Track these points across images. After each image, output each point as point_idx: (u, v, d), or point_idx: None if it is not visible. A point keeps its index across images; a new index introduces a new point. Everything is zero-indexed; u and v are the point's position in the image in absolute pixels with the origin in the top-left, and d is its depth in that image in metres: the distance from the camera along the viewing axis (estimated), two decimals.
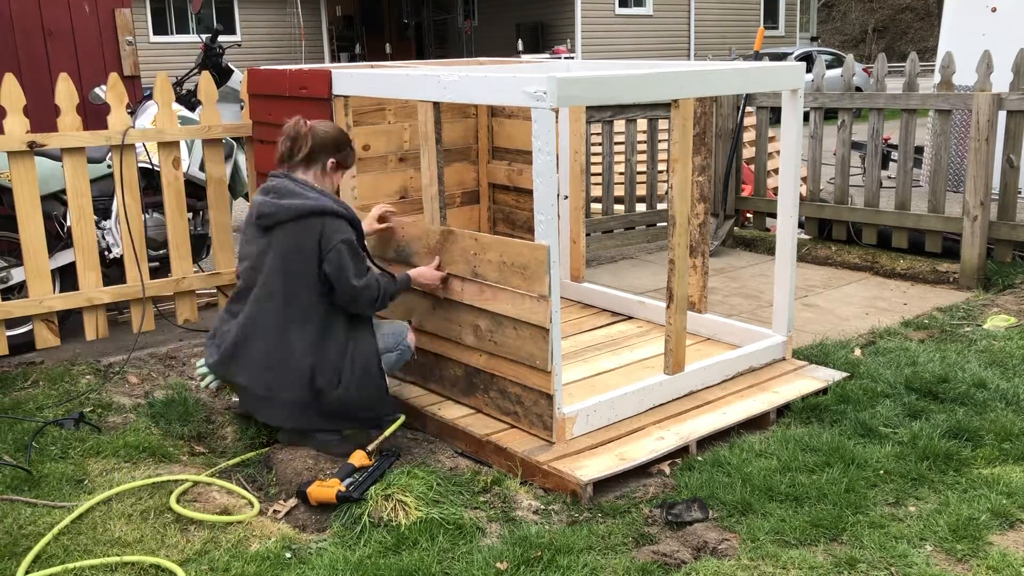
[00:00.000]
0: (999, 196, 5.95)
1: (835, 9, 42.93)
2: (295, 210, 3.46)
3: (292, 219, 3.46)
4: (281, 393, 3.53)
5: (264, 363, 3.53)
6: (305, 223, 3.46)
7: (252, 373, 3.55)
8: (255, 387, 3.56)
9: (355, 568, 2.84)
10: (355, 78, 4.10)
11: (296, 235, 3.46)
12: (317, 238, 3.45)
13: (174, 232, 4.99)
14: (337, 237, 3.46)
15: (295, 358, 3.51)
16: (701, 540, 3.00)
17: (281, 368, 3.51)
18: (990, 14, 8.44)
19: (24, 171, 4.54)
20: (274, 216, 3.48)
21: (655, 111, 7.12)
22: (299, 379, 3.51)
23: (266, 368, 3.52)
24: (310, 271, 3.47)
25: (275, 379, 3.52)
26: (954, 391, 4.03)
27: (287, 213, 3.46)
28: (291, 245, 3.47)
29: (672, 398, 3.99)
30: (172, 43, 21.38)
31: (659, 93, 3.68)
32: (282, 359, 3.51)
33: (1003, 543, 2.96)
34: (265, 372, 3.53)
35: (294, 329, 3.51)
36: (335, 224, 3.48)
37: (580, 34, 23.52)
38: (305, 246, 3.46)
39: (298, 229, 3.46)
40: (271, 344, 3.52)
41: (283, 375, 3.51)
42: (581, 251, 5.33)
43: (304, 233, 3.46)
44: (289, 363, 3.51)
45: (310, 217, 3.46)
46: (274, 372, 3.52)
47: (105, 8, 5.84)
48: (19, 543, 3.00)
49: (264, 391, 3.55)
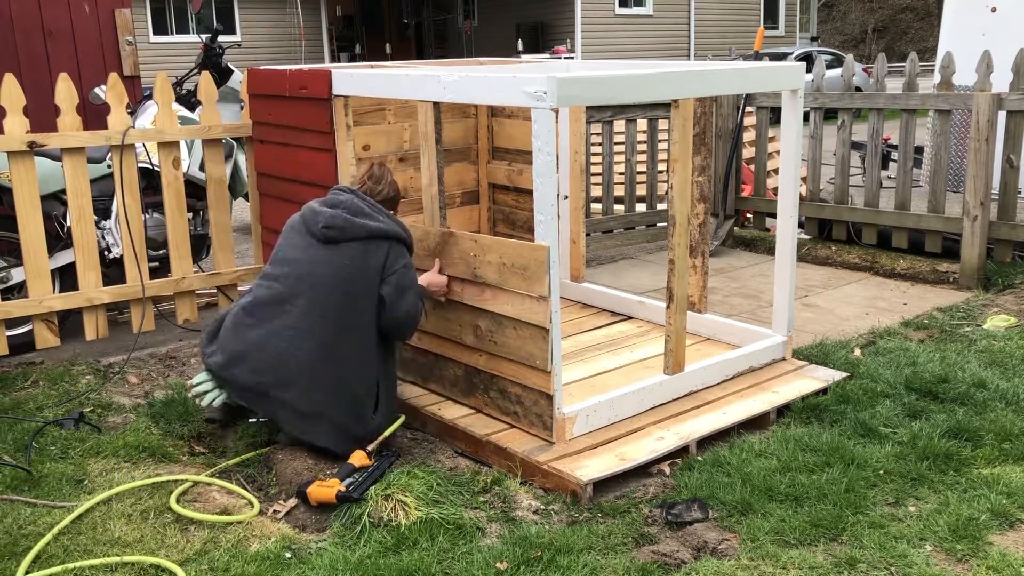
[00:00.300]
0: (999, 196, 5.95)
1: (835, 9, 42.93)
2: (369, 230, 3.45)
3: (364, 238, 3.45)
4: (328, 412, 3.44)
5: (313, 381, 3.41)
6: (376, 244, 3.46)
7: (297, 391, 3.42)
8: (300, 404, 3.43)
9: (355, 568, 2.84)
10: (355, 78, 4.10)
11: (364, 254, 3.45)
12: (383, 260, 3.46)
13: (174, 232, 4.99)
14: (400, 262, 3.51)
15: (348, 381, 3.44)
16: (701, 540, 3.00)
17: (334, 389, 3.42)
18: (990, 14, 8.44)
19: (24, 171, 4.54)
20: (344, 231, 3.44)
21: (655, 111, 7.12)
22: (340, 402, 3.44)
23: (315, 386, 3.41)
24: (370, 292, 3.44)
25: (325, 398, 3.42)
26: (954, 391, 4.03)
27: (360, 231, 3.45)
28: (357, 263, 3.43)
29: (672, 398, 3.99)
30: (172, 43, 21.38)
31: (659, 93, 3.68)
32: (336, 381, 3.42)
33: (1003, 543, 2.96)
34: (313, 390, 3.41)
35: (347, 350, 3.43)
36: (399, 250, 3.53)
37: (580, 34, 23.52)
38: (370, 266, 3.44)
39: (367, 249, 3.45)
40: (323, 363, 3.41)
41: (334, 396, 3.43)
42: (581, 251, 5.33)
43: (372, 254, 3.45)
44: (340, 385, 3.43)
45: (382, 240, 3.47)
46: (325, 392, 3.42)
47: (105, 8, 5.84)
48: (19, 543, 3.00)
49: (312, 408, 3.43)
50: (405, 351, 4.17)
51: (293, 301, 3.44)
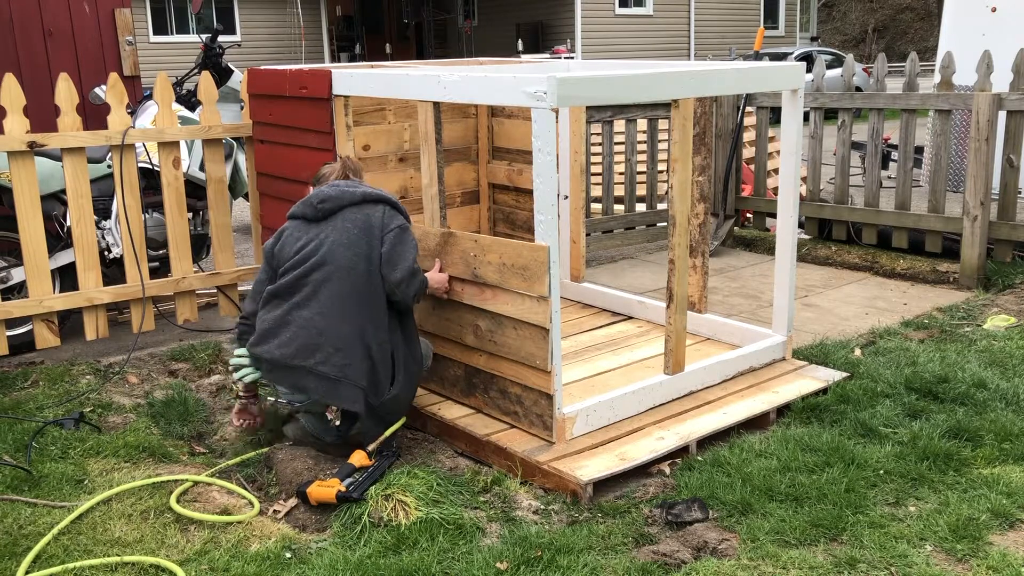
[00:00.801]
0: (999, 196, 5.95)
1: (835, 9, 42.93)
2: (361, 194, 3.58)
3: (359, 201, 3.57)
4: (352, 375, 3.42)
5: (335, 343, 3.41)
6: (371, 207, 3.57)
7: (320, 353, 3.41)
8: (326, 369, 3.41)
9: (355, 568, 2.84)
10: (355, 78, 4.10)
11: (364, 215, 3.54)
12: (380, 219, 3.56)
13: (174, 232, 4.99)
14: (396, 221, 3.58)
15: (362, 342, 3.43)
16: (701, 540, 3.00)
17: (352, 350, 3.42)
18: (990, 14, 8.44)
19: (24, 171, 4.54)
20: (339, 200, 3.55)
21: (655, 111, 7.12)
22: (361, 366, 3.43)
23: (336, 348, 3.41)
24: (376, 252, 3.51)
25: (348, 360, 3.41)
26: (954, 391, 4.03)
27: (353, 196, 3.57)
28: (360, 225, 3.53)
29: (672, 398, 3.99)
30: (172, 43, 21.38)
31: (659, 93, 3.68)
32: (353, 341, 3.42)
33: (1003, 543, 2.96)
34: (336, 352, 3.41)
35: (361, 311, 3.45)
36: (394, 212, 3.62)
37: (580, 34, 23.52)
38: (373, 225, 3.53)
39: (363, 211, 3.55)
40: (343, 325, 3.42)
41: (354, 356, 3.42)
42: (581, 251, 5.33)
43: (371, 213, 3.56)
44: (358, 346, 3.42)
45: (377, 203, 3.59)
46: (344, 353, 3.41)
47: (105, 8, 5.84)
48: (19, 543, 3.00)
49: (337, 372, 3.41)
50: None
51: (310, 275, 3.49)
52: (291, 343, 3.42)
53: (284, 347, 3.42)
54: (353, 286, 3.45)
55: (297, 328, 3.43)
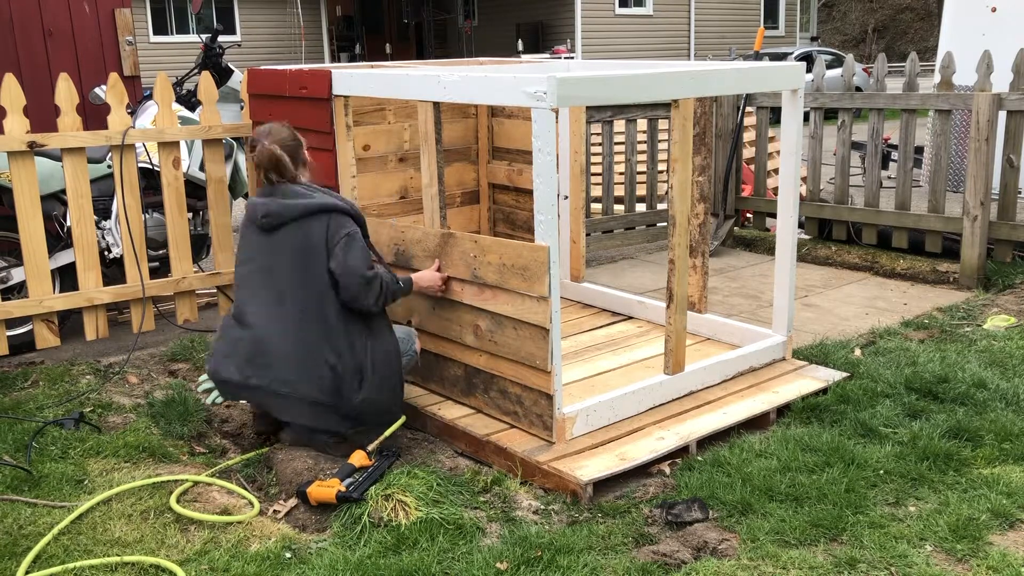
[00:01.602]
0: (999, 196, 5.95)
1: (835, 9, 42.92)
2: (301, 208, 3.49)
3: (299, 217, 3.49)
4: (301, 391, 3.47)
5: (284, 363, 3.47)
6: (312, 220, 3.49)
7: (273, 374, 3.48)
8: (276, 387, 3.48)
9: (355, 568, 2.84)
10: (355, 78, 4.10)
11: (304, 232, 3.48)
12: (324, 232, 3.48)
13: (174, 232, 4.99)
14: (342, 232, 3.49)
15: (316, 358, 3.46)
16: (701, 540, 3.00)
17: (302, 368, 3.46)
18: (990, 14, 8.44)
19: (24, 171, 4.54)
20: (280, 215, 3.50)
21: (655, 111, 7.12)
22: (320, 380, 3.46)
23: (286, 368, 3.46)
24: (321, 268, 3.47)
25: (297, 378, 3.46)
26: (954, 391, 4.03)
27: (293, 211, 3.49)
28: (300, 243, 3.48)
29: (672, 398, 3.99)
30: (172, 43, 21.38)
31: (659, 93, 3.68)
32: (303, 359, 3.46)
33: (1003, 543, 2.96)
34: (285, 371, 3.46)
35: (312, 329, 3.46)
36: (340, 220, 3.52)
37: (580, 34, 23.52)
38: (314, 243, 3.48)
39: (305, 227, 3.48)
40: (290, 344, 3.47)
41: (304, 374, 3.46)
42: (581, 251, 5.33)
43: (312, 230, 3.48)
44: (309, 363, 3.46)
45: (318, 214, 3.50)
46: (295, 371, 3.46)
47: (105, 8, 5.85)
48: (19, 543, 3.00)
49: (286, 389, 3.48)
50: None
51: (258, 294, 3.54)
52: (242, 364, 3.50)
53: (236, 369, 3.51)
54: (302, 304, 3.47)
55: (248, 350, 3.50)
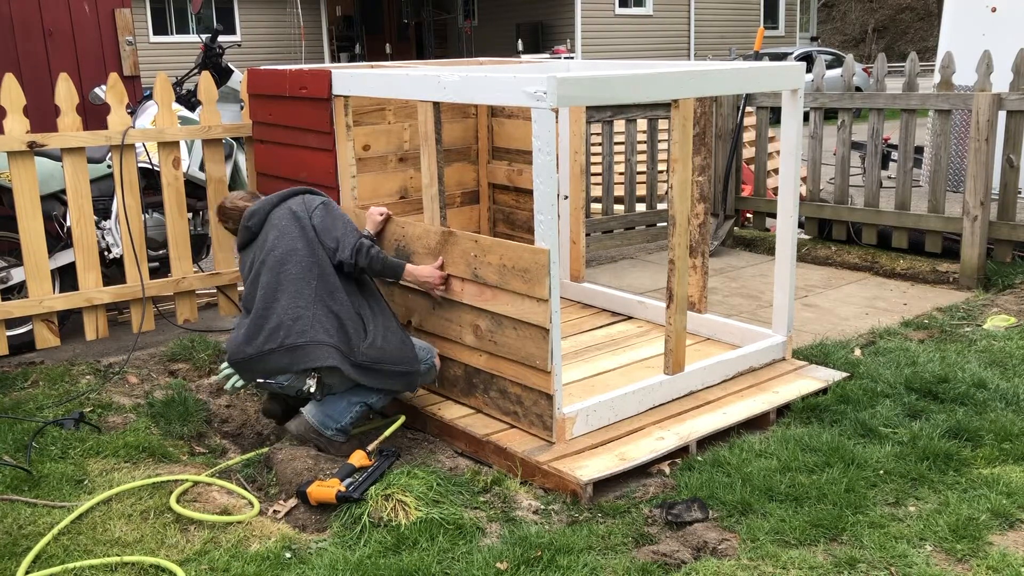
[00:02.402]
0: (999, 196, 5.95)
1: (835, 9, 42.92)
2: (277, 196, 3.83)
3: (277, 202, 3.80)
4: (315, 336, 3.53)
5: (292, 320, 3.55)
6: (288, 201, 3.80)
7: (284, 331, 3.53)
8: (293, 339, 3.52)
9: (355, 568, 2.84)
10: (355, 78, 4.10)
11: (285, 210, 3.76)
12: (303, 206, 3.77)
13: (174, 232, 4.99)
14: (316, 201, 3.81)
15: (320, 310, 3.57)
16: (701, 540, 3.00)
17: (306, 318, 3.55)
18: (990, 14, 8.44)
19: (24, 171, 4.54)
20: (263, 207, 3.80)
21: (655, 111, 7.12)
22: (327, 328, 3.55)
23: (294, 320, 3.55)
24: (309, 234, 3.70)
25: (306, 326, 3.54)
26: (954, 391, 4.03)
27: (271, 200, 3.82)
28: (285, 218, 3.73)
29: (672, 398, 3.99)
30: (172, 43, 21.37)
31: (659, 93, 3.68)
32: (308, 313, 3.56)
33: (1003, 543, 2.96)
34: (294, 324, 3.54)
35: (311, 287, 3.61)
36: (311, 196, 3.86)
37: (580, 34, 23.51)
38: (297, 214, 3.74)
39: (284, 206, 3.78)
40: (293, 305, 3.57)
41: (310, 322, 3.54)
42: (581, 251, 5.33)
43: (290, 206, 3.77)
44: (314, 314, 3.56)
45: (293, 196, 3.83)
46: (302, 321, 3.55)
47: (105, 8, 5.85)
48: (19, 543, 3.00)
49: (300, 339, 3.52)
50: None
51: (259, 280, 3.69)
52: (255, 337, 3.59)
53: (250, 344, 3.59)
54: (299, 266, 3.64)
55: (256, 324, 3.60)
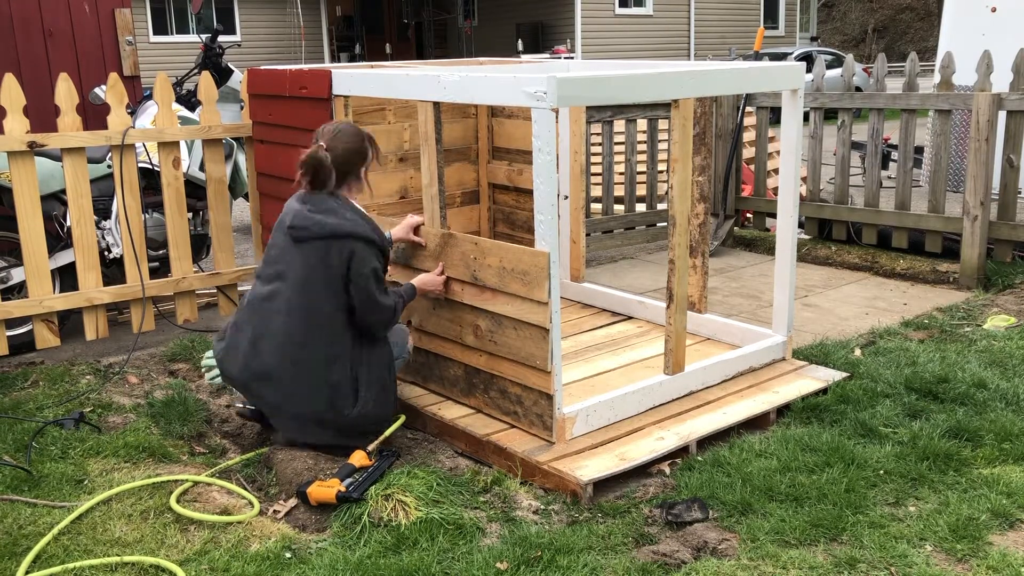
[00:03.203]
0: (999, 196, 5.95)
1: (835, 9, 42.92)
2: (330, 230, 3.44)
3: (325, 237, 3.44)
4: (298, 407, 3.50)
5: (281, 375, 3.48)
6: (338, 244, 3.44)
7: (270, 387, 3.51)
8: (271, 398, 3.53)
9: (355, 568, 2.84)
10: (355, 78, 4.10)
11: (327, 253, 3.44)
12: (347, 260, 3.44)
13: (174, 232, 4.99)
14: (368, 266, 3.47)
15: (314, 373, 3.47)
16: (701, 540, 3.00)
17: (298, 382, 3.47)
18: (990, 14, 8.44)
19: (24, 171, 4.54)
20: (308, 231, 3.45)
21: (655, 111, 7.12)
22: (317, 395, 3.48)
23: (282, 380, 3.48)
24: (333, 286, 3.46)
25: (293, 392, 3.48)
26: (954, 391, 4.03)
27: (321, 230, 3.44)
28: (319, 260, 3.45)
29: (672, 398, 3.99)
30: (172, 43, 21.37)
31: (659, 93, 3.68)
32: (299, 373, 3.47)
33: (1003, 543, 2.97)
34: (281, 384, 3.48)
35: (312, 343, 3.46)
36: (366, 251, 3.48)
37: (580, 34, 23.51)
38: (333, 264, 3.44)
39: (329, 248, 3.44)
40: (289, 356, 3.47)
41: (300, 389, 3.48)
42: (581, 251, 5.33)
43: (335, 252, 3.44)
44: (307, 377, 3.47)
45: (345, 239, 3.44)
46: (291, 385, 3.48)
47: (105, 8, 5.85)
48: (19, 543, 3.00)
49: (281, 401, 3.51)
50: None
51: (274, 299, 3.52)
52: (247, 367, 3.52)
53: (242, 370, 3.54)
54: (306, 321, 3.46)
55: (249, 352, 3.52)
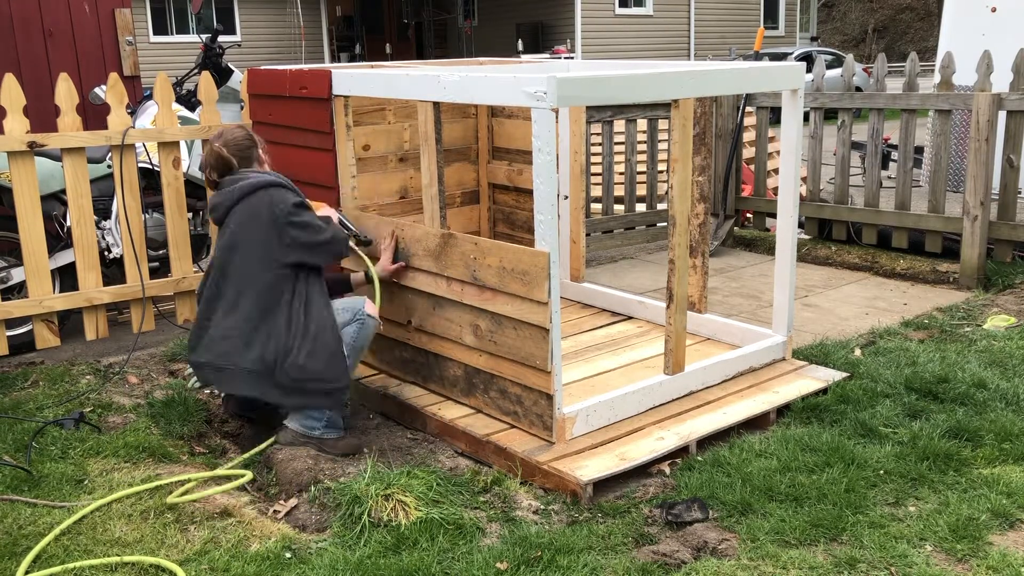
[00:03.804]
0: (999, 196, 5.95)
1: (835, 9, 42.92)
2: (239, 190, 3.63)
3: (239, 198, 3.62)
4: (237, 361, 3.55)
5: (220, 334, 3.58)
6: (253, 197, 3.61)
7: (211, 347, 3.60)
8: (215, 360, 3.59)
9: (355, 568, 2.84)
10: (355, 78, 4.10)
11: (247, 211, 3.60)
12: (269, 207, 3.59)
13: (174, 232, 4.99)
14: (288, 201, 3.61)
15: (247, 326, 3.55)
16: (701, 540, 3.00)
17: (234, 337, 3.55)
18: (990, 14, 8.44)
19: (24, 171, 4.54)
20: (222, 204, 3.66)
21: (655, 111, 7.12)
22: (251, 347, 3.53)
23: (222, 338, 3.57)
24: (261, 240, 3.58)
25: (231, 348, 3.55)
26: (954, 391, 4.03)
27: (232, 196, 3.63)
28: (244, 221, 3.60)
29: (672, 398, 3.99)
30: (172, 43, 21.38)
31: (659, 93, 3.68)
32: (233, 327, 3.56)
33: (1003, 543, 2.97)
34: (221, 342, 3.57)
35: (245, 299, 3.57)
36: (281, 193, 3.65)
37: (580, 34, 23.52)
38: (259, 216, 3.59)
39: (247, 206, 3.60)
40: (225, 315, 3.58)
41: (237, 344, 3.55)
42: (581, 251, 5.33)
43: (255, 206, 3.60)
44: (241, 331, 3.55)
45: (256, 191, 3.62)
46: (229, 341, 3.56)
47: (105, 8, 5.85)
48: (19, 543, 3.00)
49: (222, 361, 3.57)
50: (404, 351, 4.18)
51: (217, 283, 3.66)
52: (200, 348, 3.64)
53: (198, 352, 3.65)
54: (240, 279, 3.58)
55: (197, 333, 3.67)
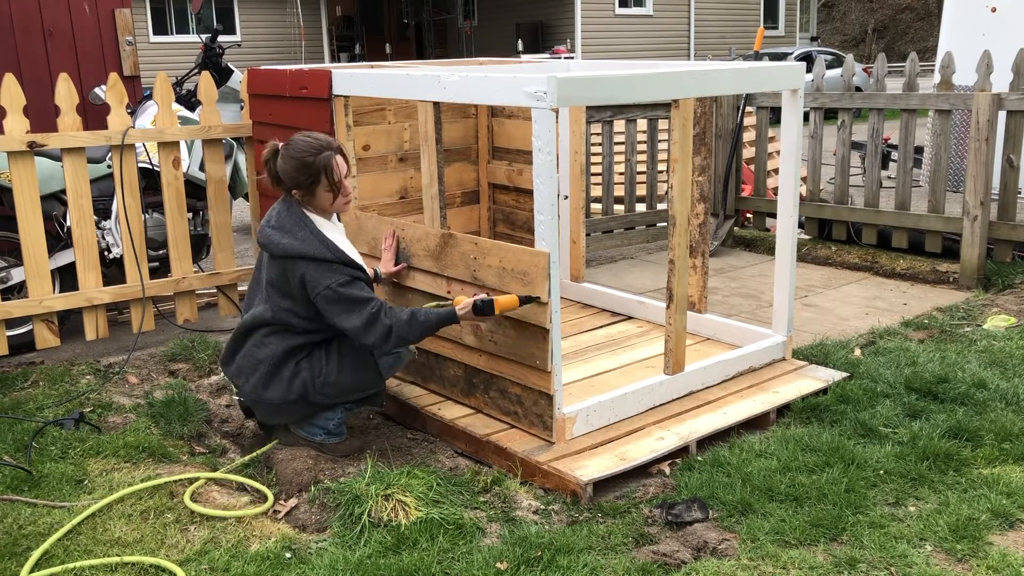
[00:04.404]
0: (999, 196, 5.95)
1: (835, 9, 42.92)
2: (282, 250, 3.45)
3: (278, 257, 3.48)
4: (270, 394, 3.56)
5: (251, 362, 3.59)
6: (291, 264, 3.44)
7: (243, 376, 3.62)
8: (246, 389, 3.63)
9: (355, 568, 2.84)
10: (355, 78, 4.10)
11: (282, 271, 3.48)
12: (300, 282, 3.44)
13: (174, 232, 4.99)
14: (321, 285, 3.40)
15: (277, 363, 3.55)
16: (701, 540, 3.00)
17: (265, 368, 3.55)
18: (990, 14, 8.44)
19: (24, 171, 4.54)
20: (267, 247, 3.51)
21: (655, 111, 7.12)
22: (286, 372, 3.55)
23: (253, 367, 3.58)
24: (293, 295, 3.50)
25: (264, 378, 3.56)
26: (954, 391, 4.03)
27: (276, 249, 3.47)
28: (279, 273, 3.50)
29: (672, 398, 3.99)
30: (172, 43, 21.39)
31: (659, 93, 3.68)
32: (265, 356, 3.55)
33: (1003, 543, 2.97)
34: (252, 374, 3.58)
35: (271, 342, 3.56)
36: (317, 271, 3.41)
37: (580, 34, 23.52)
38: (290, 282, 3.48)
39: (284, 267, 3.47)
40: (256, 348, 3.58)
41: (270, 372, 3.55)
42: (581, 251, 5.33)
43: (288, 272, 3.46)
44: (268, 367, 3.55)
45: (293, 259, 3.43)
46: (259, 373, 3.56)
47: (105, 8, 5.85)
48: (19, 543, 3.00)
49: (254, 393, 3.59)
50: None
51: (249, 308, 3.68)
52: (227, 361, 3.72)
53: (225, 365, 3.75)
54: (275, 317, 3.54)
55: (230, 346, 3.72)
